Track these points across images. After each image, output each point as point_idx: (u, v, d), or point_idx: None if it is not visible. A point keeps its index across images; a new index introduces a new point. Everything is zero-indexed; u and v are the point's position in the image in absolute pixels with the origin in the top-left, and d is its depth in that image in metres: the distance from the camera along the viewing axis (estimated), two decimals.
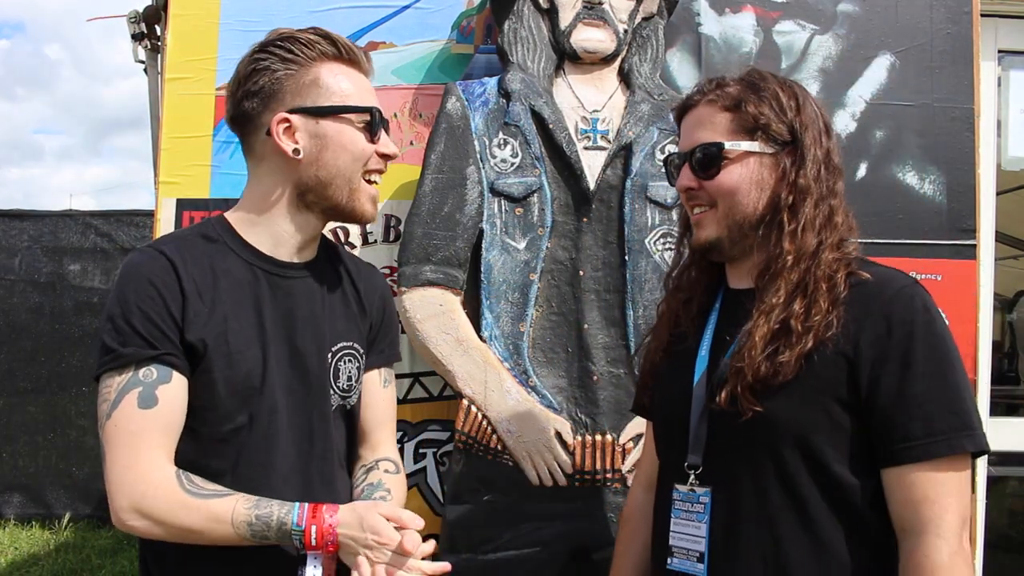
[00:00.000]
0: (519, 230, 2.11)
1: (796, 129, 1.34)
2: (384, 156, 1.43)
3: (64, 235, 6.21)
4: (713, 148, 1.35)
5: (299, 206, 1.42)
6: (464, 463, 2.05)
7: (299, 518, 1.26)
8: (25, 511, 5.86)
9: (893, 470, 1.23)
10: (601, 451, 2.07)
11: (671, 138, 2.16)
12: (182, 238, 1.41)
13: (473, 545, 2.03)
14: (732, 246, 1.38)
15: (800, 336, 1.25)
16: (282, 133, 1.37)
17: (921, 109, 2.40)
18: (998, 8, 2.77)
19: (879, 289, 1.28)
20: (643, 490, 1.60)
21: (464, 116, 2.14)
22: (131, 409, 1.26)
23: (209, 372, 1.32)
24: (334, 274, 1.52)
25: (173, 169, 2.28)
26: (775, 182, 1.34)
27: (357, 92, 1.41)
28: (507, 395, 2.06)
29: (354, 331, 1.51)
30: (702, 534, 1.33)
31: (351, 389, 1.50)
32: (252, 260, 1.40)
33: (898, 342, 1.23)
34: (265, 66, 1.38)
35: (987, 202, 2.59)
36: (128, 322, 1.28)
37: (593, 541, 2.06)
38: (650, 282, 2.11)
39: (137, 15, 2.87)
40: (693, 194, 1.39)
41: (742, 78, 1.39)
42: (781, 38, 2.44)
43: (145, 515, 1.25)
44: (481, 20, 2.38)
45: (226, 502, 1.26)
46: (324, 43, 1.40)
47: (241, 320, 1.36)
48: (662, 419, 1.52)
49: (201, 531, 1.25)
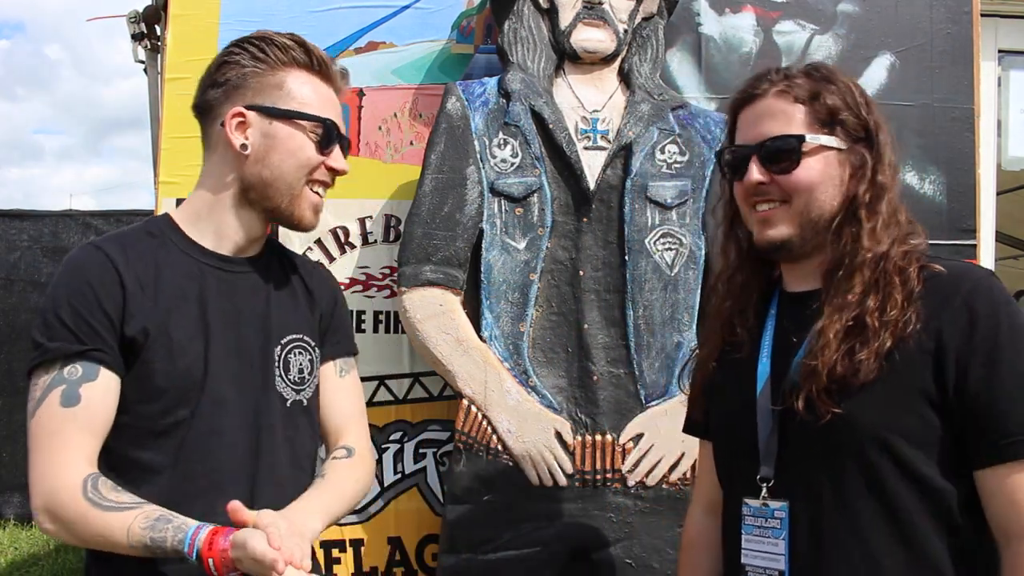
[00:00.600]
0: (519, 230, 2.11)
1: (870, 125, 1.29)
2: (332, 170, 1.43)
3: (64, 235, 6.21)
4: (792, 140, 1.27)
5: (242, 202, 1.42)
6: (464, 463, 2.05)
7: (190, 547, 1.20)
8: (25, 511, 5.86)
9: (991, 470, 1.16)
10: (601, 451, 2.07)
11: (671, 138, 2.16)
12: (125, 235, 1.41)
13: (473, 545, 2.03)
14: (802, 245, 1.30)
15: (876, 332, 1.19)
16: (234, 127, 1.38)
17: (921, 109, 2.40)
18: (998, 8, 2.77)
19: (957, 282, 1.22)
20: (703, 513, 1.52)
21: (464, 116, 2.14)
22: (54, 408, 1.26)
23: (149, 363, 1.31)
24: (280, 270, 1.52)
25: (173, 169, 2.28)
26: (847, 178, 1.28)
27: (318, 103, 1.41)
28: (507, 395, 2.06)
29: (303, 324, 1.50)
30: (780, 551, 1.25)
31: (303, 382, 1.48)
32: (196, 255, 1.40)
33: (984, 336, 1.17)
34: (235, 60, 1.39)
35: (987, 202, 2.59)
36: (57, 316, 1.28)
37: (593, 541, 2.06)
38: (650, 282, 2.11)
39: (137, 15, 2.87)
40: (762, 190, 1.29)
41: (808, 71, 1.32)
42: (781, 38, 2.44)
43: (55, 518, 1.25)
44: (481, 20, 2.38)
45: (124, 516, 1.22)
46: (298, 50, 1.40)
47: (183, 313, 1.35)
48: (724, 433, 1.43)
49: (101, 543, 1.23)
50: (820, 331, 1.22)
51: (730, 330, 1.39)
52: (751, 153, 1.30)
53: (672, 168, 2.15)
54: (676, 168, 2.15)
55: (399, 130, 2.33)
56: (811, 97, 1.29)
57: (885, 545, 1.19)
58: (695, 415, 1.51)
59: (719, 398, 1.42)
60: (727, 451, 1.42)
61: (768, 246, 1.31)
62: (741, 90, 1.37)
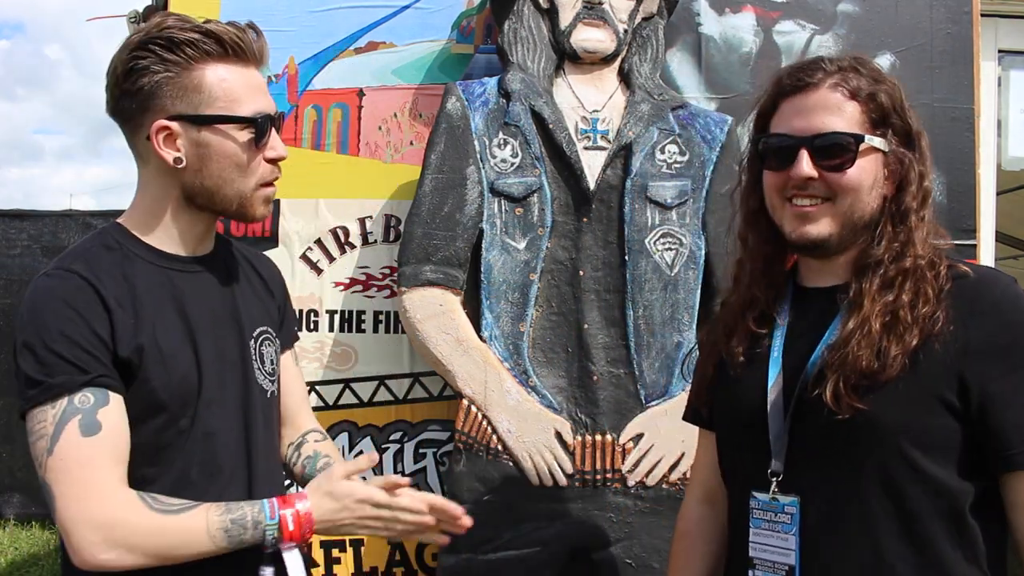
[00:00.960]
0: (519, 230, 2.11)
1: (912, 128, 1.27)
2: (272, 160, 1.38)
3: (64, 235, 6.21)
4: (849, 139, 1.23)
5: (188, 207, 1.37)
6: (464, 463, 2.05)
7: (271, 512, 1.26)
8: (25, 511, 5.86)
9: (1013, 475, 1.16)
10: (601, 451, 2.07)
11: (671, 138, 2.16)
12: (85, 251, 1.33)
13: (473, 545, 2.02)
14: (839, 244, 1.28)
15: (909, 327, 1.18)
16: (162, 142, 1.30)
17: (921, 109, 2.37)
18: (998, 8, 2.77)
19: (985, 287, 1.21)
20: (699, 503, 1.52)
21: (464, 116, 2.14)
22: (75, 439, 1.19)
23: (148, 381, 1.27)
24: (235, 264, 1.50)
25: None
26: (884, 181, 1.27)
27: (244, 95, 1.33)
28: (507, 395, 2.06)
29: (266, 316, 1.50)
30: (791, 546, 1.24)
31: (275, 372, 1.48)
32: (158, 261, 1.36)
33: (1011, 342, 1.17)
34: (144, 66, 1.29)
35: (987, 202, 2.59)
36: (52, 350, 1.21)
37: (593, 541, 2.06)
38: (650, 282, 2.11)
39: (137, 15, 2.87)
40: (810, 184, 1.25)
41: (856, 66, 1.28)
42: (781, 38, 2.44)
43: (118, 544, 1.18)
44: (481, 20, 2.38)
45: (197, 513, 1.23)
46: (208, 42, 1.30)
47: (167, 323, 1.32)
48: (731, 426, 1.41)
49: (177, 547, 1.22)
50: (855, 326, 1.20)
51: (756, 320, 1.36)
52: (801, 145, 1.25)
53: (672, 168, 2.15)
54: (676, 168, 2.15)
55: (399, 130, 2.33)
56: (868, 95, 1.26)
57: (897, 545, 1.19)
58: (699, 405, 1.49)
59: (726, 390, 1.40)
60: (733, 444, 1.40)
61: (806, 243, 1.28)
62: (790, 76, 1.30)
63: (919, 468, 1.18)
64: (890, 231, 1.25)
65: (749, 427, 1.31)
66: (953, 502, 1.18)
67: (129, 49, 1.30)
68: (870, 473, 1.20)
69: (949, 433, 1.18)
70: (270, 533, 1.25)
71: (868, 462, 1.20)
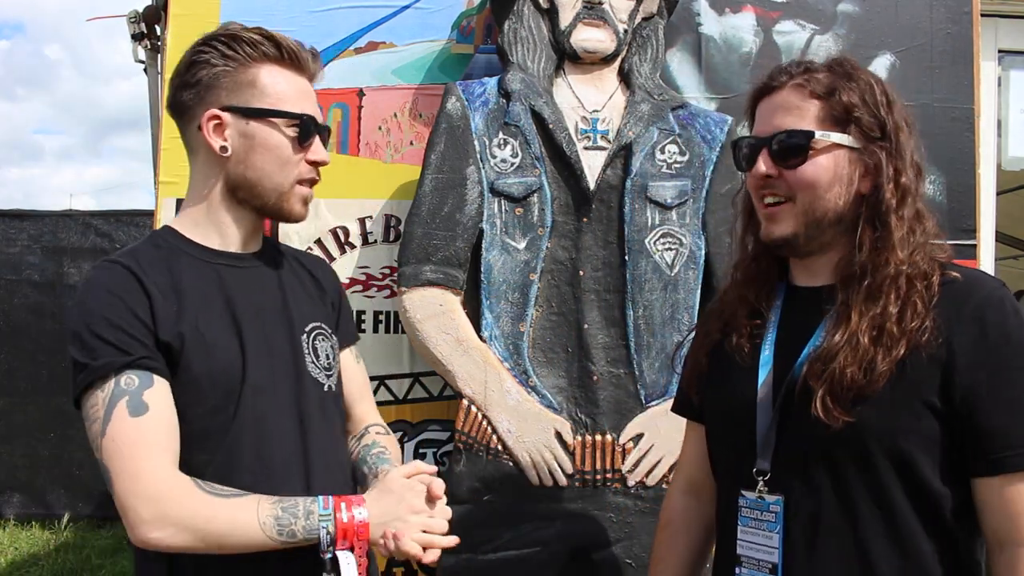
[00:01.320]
0: (519, 230, 2.11)
1: (888, 125, 1.26)
2: (313, 163, 1.43)
3: (64, 235, 6.20)
4: (801, 136, 1.25)
5: (233, 201, 1.42)
6: (464, 463, 2.05)
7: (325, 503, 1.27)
8: (25, 511, 5.86)
9: (989, 480, 1.17)
10: (601, 451, 2.07)
11: (671, 138, 2.16)
12: (134, 250, 1.40)
13: (473, 545, 2.03)
14: (807, 243, 1.30)
15: (896, 340, 1.18)
16: (212, 130, 1.37)
17: (921, 109, 2.40)
18: (998, 8, 2.77)
19: (969, 291, 1.21)
20: (683, 494, 1.54)
21: (464, 116, 2.14)
22: (125, 420, 1.23)
23: (190, 369, 1.30)
24: (284, 262, 1.53)
25: (173, 169, 2.28)
26: (859, 179, 1.26)
27: (293, 97, 1.40)
28: (507, 395, 2.06)
29: (319, 312, 1.52)
30: (774, 544, 1.26)
31: (331, 367, 1.50)
32: (205, 257, 1.41)
33: (993, 347, 1.17)
34: (205, 59, 1.38)
35: (987, 202, 2.59)
36: (95, 334, 1.26)
37: (593, 541, 2.06)
38: (650, 282, 2.11)
39: (137, 15, 2.87)
40: (770, 183, 1.29)
41: (831, 65, 1.30)
42: (781, 38, 2.44)
43: (169, 522, 1.21)
44: (481, 20, 2.38)
45: (249, 500, 1.25)
46: (267, 44, 1.39)
47: (211, 313, 1.36)
48: (721, 423, 1.42)
49: (226, 533, 1.23)
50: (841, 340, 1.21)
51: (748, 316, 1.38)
52: (761, 145, 1.29)
53: (672, 168, 2.15)
54: (676, 168, 2.15)
55: (399, 130, 2.33)
56: (827, 93, 1.27)
57: (880, 546, 1.20)
58: (690, 396, 1.50)
59: (717, 386, 1.42)
60: (723, 441, 1.42)
61: (772, 242, 1.32)
62: (761, 80, 1.35)
63: (903, 471, 1.19)
64: (870, 233, 1.25)
65: (738, 425, 1.32)
66: (937, 504, 1.19)
67: (194, 45, 1.41)
68: (854, 474, 1.21)
69: (934, 436, 1.18)
70: (324, 524, 1.25)
71: (853, 464, 1.21)
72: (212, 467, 1.31)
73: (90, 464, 5.79)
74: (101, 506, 5.81)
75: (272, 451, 1.36)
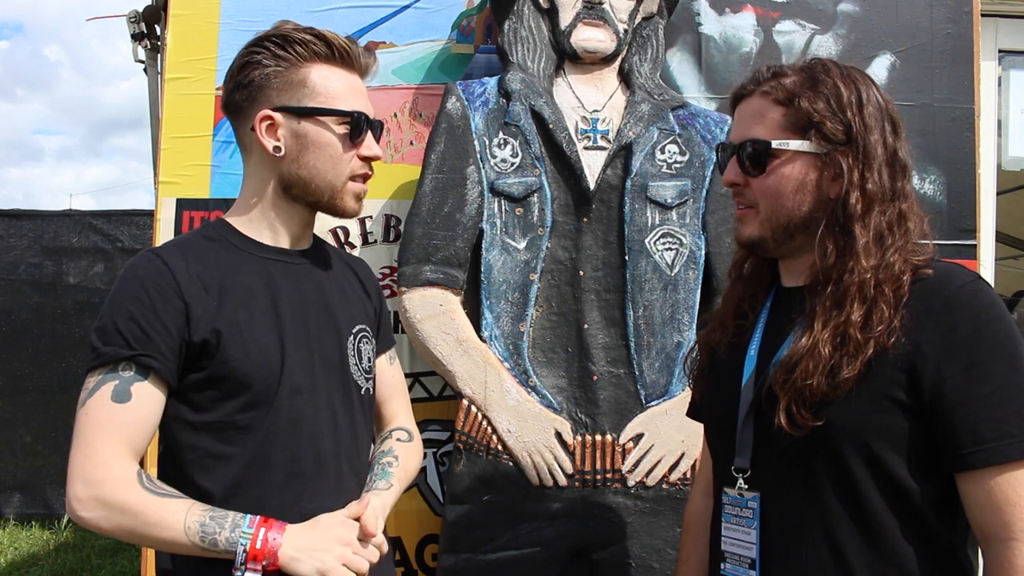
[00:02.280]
0: (519, 230, 2.11)
1: (854, 128, 1.24)
2: (365, 159, 1.44)
3: (64, 235, 6.21)
4: (760, 146, 1.27)
5: (286, 198, 1.44)
6: (464, 463, 2.05)
7: (251, 522, 1.26)
8: (25, 511, 5.86)
9: (968, 475, 1.16)
10: (601, 451, 2.07)
11: (671, 138, 2.16)
12: (184, 241, 1.43)
13: (473, 545, 2.03)
14: (778, 246, 1.31)
15: (860, 345, 1.17)
16: (265, 130, 1.39)
17: (921, 109, 2.40)
18: (998, 8, 2.77)
19: (940, 285, 1.20)
20: (702, 495, 1.55)
21: (464, 116, 2.14)
22: (104, 401, 1.27)
23: (227, 362, 1.32)
24: (333, 263, 1.55)
25: (173, 169, 2.28)
26: (826, 183, 1.25)
27: (344, 94, 1.41)
28: (507, 395, 2.06)
29: (362, 315, 1.54)
30: (752, 540, 1.28)
31: (371, 370, 1.52)
32: (255, 251, 1.42)
33: (962, 341, 1.15)
34: (257, 60, 1.39)
35: (987, 202, 2.59)
36: (113, 322, 1.29)
37: (593, 541, 2.06)
38: (650, 282, 2.11)
39: (137, 15, 2.87)
40: (738, 190, 1.32)
41: (802, 68, 1.29)
42: (781, 38, 2.44)
43: (99, 505, 1.24)
44: (481, 20, 2.38)
45: (183, 503, 1.26)
46: (318, 43, 1.40)
47: (253, 308, 1.37)
48: (711, 420, 1.45)
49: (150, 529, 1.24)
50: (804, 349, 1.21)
51: (740, 315, 1.39)
52: (732, 152, 1.32)
53: (672, 168, 2.15)
54: (676, 168, 2.15)
55: (399, 130, 2.33)
56: (788, 99, 1.26)
57: (853, 542, 1.20)
58: (697, 399, 1.52)
59: (710, 386, 1.44)
60: (714, 440, 1.44)
61: (741, 244, 1.35)
62: (738, 86, 1.36)
63: (875, 468, 1.19)
64: (833, 240, 1.24)
65: (725, 424, 1.34)
66: (910, 500, 1.19)
67: (247, 46, 1.42)
68: (826, 472, 1.21)
69: (903, 433, 1.18)
70: (243, 542, 1.24)
71: (823, 462, 1.21)
72: (241, 460, 1.33)
73: None
74: None
75: (305, 451, 1.37)
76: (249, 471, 1.32)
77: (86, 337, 6.20)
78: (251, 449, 1.33)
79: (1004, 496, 1.13)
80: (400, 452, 1.55)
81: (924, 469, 1.19)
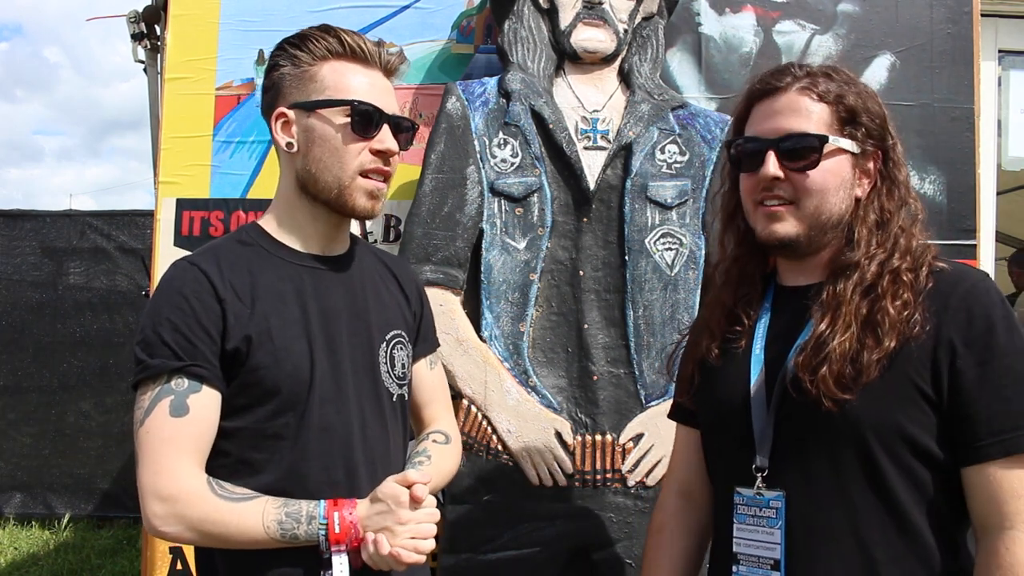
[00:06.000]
0: (519, 230, 2.11)
1: (887, 128, 1.29)
2: (379, 153, 1.39)
3: (64, 235, 6.20)
4: (814, 140, 1.25)
5: (304, 198, 1.42)
6: (464, 463, 2.05)
7: (326, 511, 1.29)
8: (25, 511, 5.86)
9: (976, 467, 1.18)
10: (601, 451, 2.07)
11: (671, 138, 2.16)
12: (218, 246, 1.42)
13: (473, 545, 2.03)
14: (808, 244, 1.30)
15: (886, 332, 1.20)
16: (280, 128, 1.40)
17: (921, 109, 2.40)
18: (998, 8, 2.77)
19: (956, 281, 1.23)
20: (676, 496, 1.52)
21: (464, 116, 2.14)
22: (163, 417, 1.28)
23: (256, 370, 1.32)
24: (370, 265, 1.53)
25: (173, 169, 2.28)
26: (856, 182, 1.29)
27: (352, 88, 1.38)
28: (507, 395, 2.06)
29: (400, 320, 1.52)
30: (776, 540, 1.26)
31: (405, 377, 1.50)
32: (289, 258, 1.41)
33: (978, 336, 1.18)
34: (275, 63, 1.42)
35: (987, 202, 2.59)
36: (157, 333, 1.30)
37: (593, 541, 2.06)
38: (650, 282, 2.11)
39: (137, 15, 2.87)
40: (776, 185, 1.28)
41: (827, 72, 1.31)
42: (781, 38, 2.44)
43: (178, 522, 1.26)
44: (481, 20, 2.38)
45: (256, 503, 1.28)
46: (329, 40, 1.40)
47: (283, 316, 1.36)
48: (716, 424, 1.42)
49: (232, 535, 1.27)
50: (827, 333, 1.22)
51: (733, 319, 1.39)
52: (768, 147, 1.28)
53: (672, 168, 2.15)
54: (676, 168, 2.15)
55: None
56: (836, 97, 1.28)
57: (880, 536, 1.20)
58: (685, 402, 1.49)
59: (710, 388, 1.42)
60: (718, 441, 1.42)
61: (774, 241, 1.30)
62: (761, 80, 1.34)
63: (900, 460, 1.20)
64: (866, 235, 1.27)
65: (733, 424, 1.33)
66: (935, 493, 1.20)
67: (273, 50, 1.44)
68: (853, 467, 1.22)
69: (926, 426, 1.20)
70: (321, 531, 1.27)
71: (850, 456, 1.22)
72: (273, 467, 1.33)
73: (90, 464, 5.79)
74: (101, 506, 5.81)
75: (336, 460, 1.37)
76: (281, 480, 1.33)
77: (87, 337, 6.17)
78: (283, 457, 1.34)
79: (1011, 487, 1.15)
80: (434, 452, 1.52)
81: (943, 462, 1.20)
